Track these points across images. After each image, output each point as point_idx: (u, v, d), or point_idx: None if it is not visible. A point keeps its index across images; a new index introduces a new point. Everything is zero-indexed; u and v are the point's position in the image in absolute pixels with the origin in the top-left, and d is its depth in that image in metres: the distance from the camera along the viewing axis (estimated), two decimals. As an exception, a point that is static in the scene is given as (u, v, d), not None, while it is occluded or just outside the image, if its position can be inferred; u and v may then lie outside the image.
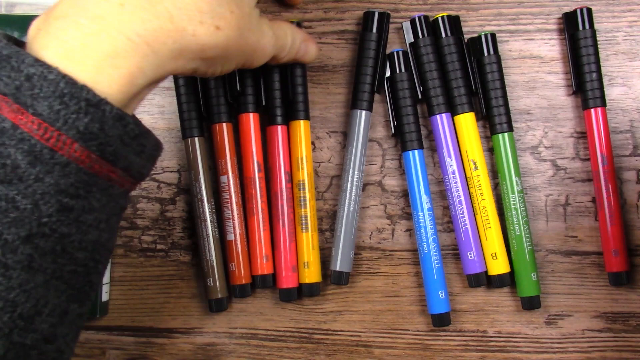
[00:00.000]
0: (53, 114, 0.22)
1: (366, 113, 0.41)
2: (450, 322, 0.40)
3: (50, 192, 0.23)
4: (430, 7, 0.42)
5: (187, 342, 0.42)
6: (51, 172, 0.23)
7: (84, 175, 0.24)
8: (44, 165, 0.23)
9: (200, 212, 0.40)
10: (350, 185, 0.40)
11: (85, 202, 0.24)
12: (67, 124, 0.23)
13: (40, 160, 0.22)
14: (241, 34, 0.29)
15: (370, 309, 0.42)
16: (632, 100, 0.41)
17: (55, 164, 0.23)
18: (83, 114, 0.23)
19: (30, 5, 0.43)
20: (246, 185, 0.41)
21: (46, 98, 0.22)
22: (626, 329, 0.41)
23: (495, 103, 0.40)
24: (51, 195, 0.23)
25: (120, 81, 0.24)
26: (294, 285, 0.41)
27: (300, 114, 0.41)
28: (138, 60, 0.25)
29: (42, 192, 0.23)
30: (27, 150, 0.22)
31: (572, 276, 0.41)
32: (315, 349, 0.42)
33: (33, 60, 0.23)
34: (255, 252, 0.41)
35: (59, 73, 0.23)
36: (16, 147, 0.22)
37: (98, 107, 0.23)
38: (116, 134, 0.24)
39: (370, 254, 0.42)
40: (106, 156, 0.24)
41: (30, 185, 0.22)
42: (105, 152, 0.24)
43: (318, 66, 0.43)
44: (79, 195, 0.24)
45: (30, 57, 0.23)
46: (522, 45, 0.42)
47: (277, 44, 0.34)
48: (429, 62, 0.40)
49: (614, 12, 0.42)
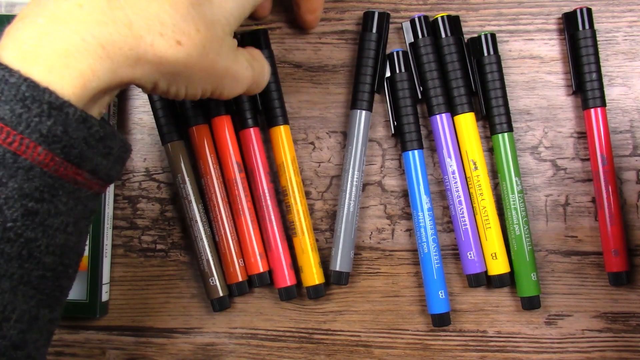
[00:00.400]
0: (15, 117, 0.22)
1: (366, 113, 0.41)
2: (450, 322, 0.40)
3: (14, 197, 0.22)
4: (430, 7, 0.42)
5: (187, 342, 0.42)
6: (14, 176, 0.22)
7: (49, 179, 0.23)
8: (7, 169, 0.22)
9: (191, 214, 0.40)
10: (350, 185, 0.40)
11: (51, 205, 0.24)
12: (30, 127, 0.22)
13: (3, 165, 0.22)
14: (206, 55, 0.27)
15: (370, 309, 0.42)
16: (632, 100, 0.41)
17: (18, 168, 0.22)
18: (46, 117, 0.22)
19: (30, 5, 0.43)
20: (229, 186, 0.41)
21: (7, 102, 0.22)
22: (626, 329, 0.41)
23: (495, 103, 0.40)
24: (15, 199, 0.22)
25: (73, 82, 0.23)
26: (292, 283, 0.41)
27: (279, 120, 0.41)
28: (91, 62, 0.24)
29: (5, 196, 0.22)
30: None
31: (572, 276, 0.41)
32: (315, 349, 0.42)
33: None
34: (247, 252, 0.41)
35: (21, 76, 0.22)
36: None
37: (61, 109, 0.23)
38: (80, 136, 0.24)
39: (370, 254, 0.42)
40: (71, 159, 0.24)
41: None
42: (70, 155, 0.24)
43: (318, 66, 0.43)
44: (44, 199, 0.23)
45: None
46: (522, 45, 0.42)
47: (253, 78, 0.32)
48: (429, 62, 0.40)
49: (614, 12, 0.42)
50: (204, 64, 0.28)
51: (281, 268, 0.41)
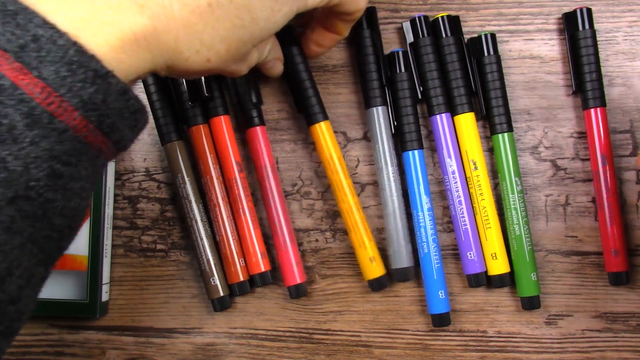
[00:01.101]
0: (59, 79, 0.22)
1: (382, 108, 0.41)
2: (450, 322, 0.40)
3: (44, 157, 0.22)
4: (430, 7, 0.42)
5: (187, 342, 0.42)
6: (47, 137, 0.22)
7: (78, 144, 0.23)
8: (42, 129, 0.22)
9: (191, 214, 0.40)
10: (388, 182, 0.40)
11: (75, 170, 0.24)
12: (72, 91, 0.22)
13: (39, 124, 0.22)
14: (226, 66, 0.29)
15: (370, 309, 0.42)
16: (632, 100, 0.41)
17: (53, 130, 0.22)
18: (89, 83, 0.23)
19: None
20: (229, 186, 0.41)
21: (53, 63, 0.22)
22: (626, 329, 0.41)
23: (495, 103, 0.40)
24: (44, 159, 0.22)
25: (118, 55, 0.24)
26: (301, 280, 0.41)
27: (319, 117, 0.40)
28: (135, 49, 0.25)
29: (35, 155, 0.22)
30: (26, 113, 0.22)
31: (572, 276, 0.41)
32: (315, 349, 0.42)
33: (42, 22, 0.22)
34: (249, 251, 0.41)
35: (69, 39, 0.22)
36: (15, 107, 0.22)
37: (105, 79, 0.23)
38: (117, 107, 0.24)
39: (370, 254, 0.42)
40: (103, 128, 0.24)
41: (24, 147, 0.22)
42: (103, 124, 0.24)
43: (318, 66, 0.43)
44: (70, 163, 0.23)
45: (39, 18, 0.22)
46: (522, 45, 0.42)
47: (254, 60, 0.33)
48: (429, 62, 0.40)
49: (614, 12, 0.42)
50: (220, 69, 0.29)
51: (290, 266, 0.41)
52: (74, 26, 0.23)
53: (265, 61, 0.37)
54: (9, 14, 0.22)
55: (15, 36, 0.22)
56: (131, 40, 0.25)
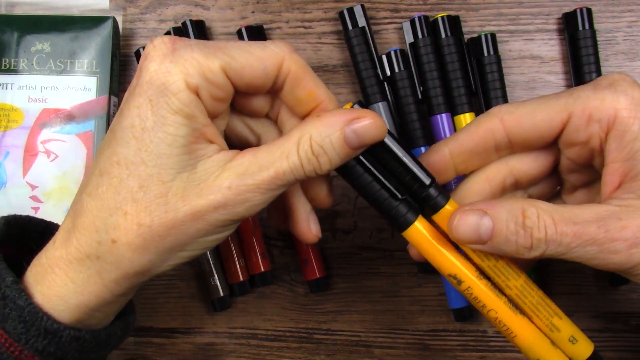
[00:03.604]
0: (17, 334, 0.27)
1: (383, 104, 0.40)
2: (471, 316, 0.40)
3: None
4: (430, 7, 0.42)
5: (187, 342, 0.42)
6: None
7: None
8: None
9: None
10: None
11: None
12: (28, 343, 0.27)
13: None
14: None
15: (370, 309, 0.42)
16: (632, 100, 0.41)
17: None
18: (42, 338, 0.27)
19: (30, 5, 0.43)
20: None
21: (13, 319, 0.27)
22: (626, 329, 0.41)
23: (495, 103, 0.40)
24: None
25: (70, 308, 0.28)
26: (321, 275, 0.41)
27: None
28: (91, 289, 0.28)
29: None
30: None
31: (572, 276, 0.41)
32: (315, 349, 0.42)
33: (11, 282, 0.27)
34: (249, 251, 0.41)
35: (27, 299, 0.27)
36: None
37: (55, 334, 0.27)
38: (73, 349, 0.28)
39: (370, 254, 0.42)
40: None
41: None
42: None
43: (318, 66, 0.43)
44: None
45: (10, 279, 0.27)
46: (522, 45, 0.42)
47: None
48: (429, 62, 0.40)
49: (614, 12, 0.42)
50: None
51: (311, 261, 0.41)
52: (36, 281, 0.28)
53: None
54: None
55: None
56: (92, 305, 0.28)
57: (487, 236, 0.27)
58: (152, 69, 0.26)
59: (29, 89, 0.41)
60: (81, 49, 0.41)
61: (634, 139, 0.27)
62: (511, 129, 0.29)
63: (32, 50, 0.41)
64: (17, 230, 0.31)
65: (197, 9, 0.43)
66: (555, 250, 0.26)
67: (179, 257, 0.27)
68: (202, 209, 0.26)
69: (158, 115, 0.26)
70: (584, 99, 0.28)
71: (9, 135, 0.41)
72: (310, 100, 0.29)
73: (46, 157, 0.40)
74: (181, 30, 0.42)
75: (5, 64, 0.41)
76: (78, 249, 0.27)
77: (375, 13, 0.43)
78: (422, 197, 0.29)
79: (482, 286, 0.29)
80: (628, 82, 0.28)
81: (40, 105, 0.41)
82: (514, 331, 0.29)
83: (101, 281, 0.27)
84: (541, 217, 0.26)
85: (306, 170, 0.26)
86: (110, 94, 0.41)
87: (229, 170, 0.26)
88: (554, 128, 0.29)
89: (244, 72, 0.27)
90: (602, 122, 0.27)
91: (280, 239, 0.42)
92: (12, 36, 0.41)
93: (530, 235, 0.26)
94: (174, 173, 0.26)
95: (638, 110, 0.27)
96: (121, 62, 0.43)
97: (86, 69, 0.41)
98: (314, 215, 0.32)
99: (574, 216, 0.27)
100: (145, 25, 0.43)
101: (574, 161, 0.30)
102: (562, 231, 0.26)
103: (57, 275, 0.27)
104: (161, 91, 0.26)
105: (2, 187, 0.40)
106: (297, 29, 0.43)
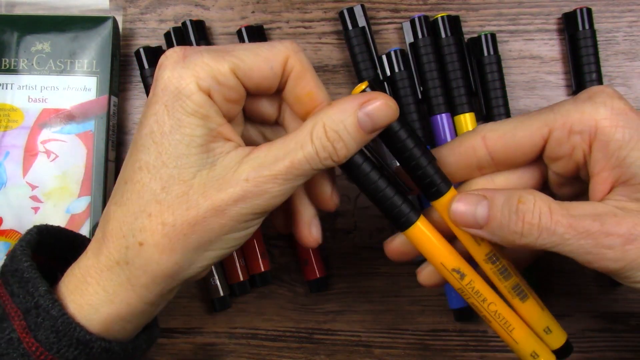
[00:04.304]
0: (49, 343, 0.27)
1: None
2: (471, 316, 0.40)
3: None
4: (430, 7, 0.42)
5: (187, 342, 0.42)
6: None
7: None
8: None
9: None
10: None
11: None
12: (59, 353, 0.27)
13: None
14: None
15: (370, 309, 0.42)
16: (632, 100, 0.41)
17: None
18: (73, 348, 0.27)
19: (30, 5, 0.43)
20: None
21: (46, 329, 0.27)
22: (626, 329, 0.41)
23: (495, 103, 0.40)
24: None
25: (101, 319, 0.28)
26: (321, 275, 0.41)
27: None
28: (122, 298, 0.28)
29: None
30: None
31: (572, 276, 0.41)
32: (315, 349, 0.42)
33: (44, 291, 0.27)
34: (249, 251, 0.41)
35: (60, 310, 0.27)
36: (17, 359, 0.27)
37: (87, 344, 0.27)
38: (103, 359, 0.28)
39: (370, 254, 0.42)
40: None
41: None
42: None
43: (318, 66, 0.43)
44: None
45: (43, 288, 0.27)
46: (522, 45, 0.42)
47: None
48: (429, 62, 0.40)
49: (614, 12, 0.42)
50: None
51: (311, 261, 0.41)
52: (70, 291, 0.28)
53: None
54: (25, 281, 0.28)
55: (25, 300, 0.27)
56: (123, 316, 0.28)
57: (484, 220, 0.27)
58: (166, 77, 0.27)
59: (29, 89, 0.41)
60: (81, 49, 0.41)
61: (619, 147, 0.27)
62: (493, 147, 0.30)
63: (32, 50, 0.41)
64: (48, 239, 0.31)
65: (197, 9, 0.43)
66: (549, 239, 0.26)
67: (206, 258, 0.28)
68: (223, 202, 0.26)
69: (174, 118, 0.26)
70: (564, 113, 0.28)
71: (9, 135, 0.41)
72: (308, 100, 0.29)
73: (46, 157, 0.40)
74: (181, 30, 0.42)
75: (5, 64, 0.41)
76: (108, 256, 0.28)
77: (375, 13, 0.43)
78: (426, 184, 0.29)
79: (483, 281, 0.30)
80: (607, 94, 0.28)
81: (40, 105, 0.41)
82: (512, 323, 0.30)
83: (131, 287, 0.27)
84: (537, 204, 0.27)
85: (322, 158, 0.26)
86: (110, 94, 0.41)
87: (246, 164, 0.27)
88: (535, 144, 0.29)
89: (253, 72, 0.27)
90: (583, 134, 0.28)
91: (280, 239, 0.42)
92: (12, 36, 0.41)
93: (522, 220, 0.26)
94: (193, 171, 0.26)
95: (619, 119, 0.27)
96: (121, 62, 0.43)
97: (86, 69, 0.41)
98: (317, 220, 0.32)
99: (570, 208, 0.27)
100: (145, 25, 0.43)
101: (560, 175, 0.30)
102: (557, 220, 0.26)
103: (89, 284, 0.28)
104: (175, 95, 0.26)
105: (2, 187, 0.40)
106: (297, 29, 0.43)
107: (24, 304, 0.27)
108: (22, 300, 0.28)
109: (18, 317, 0.27)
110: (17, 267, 0.28)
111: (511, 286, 0.30)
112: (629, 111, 0.27)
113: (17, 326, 0.27)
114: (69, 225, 0.40)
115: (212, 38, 0.43)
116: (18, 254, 0.29)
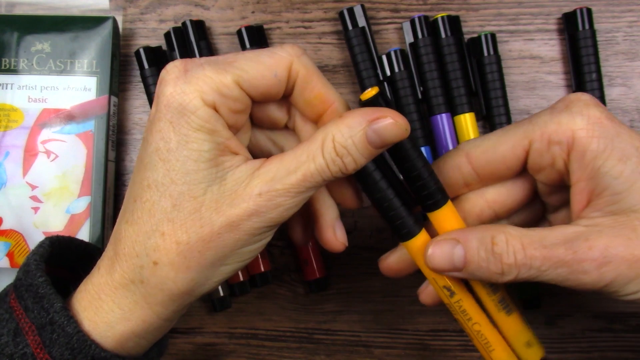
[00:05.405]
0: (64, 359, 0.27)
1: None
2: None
3: None
4: (430, 7, 0.42)
5: (187, 342, 0.42)
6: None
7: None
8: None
9: None
10: None
11: None
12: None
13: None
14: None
15: (370, 309, 0.42)
16: (632, 100, 0.41)
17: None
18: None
19: (30, 5, 0.43)
20: None
21: (60, 345, 0.27)
22: (626, 329, 0.41)
23: (495, 103, 0.40)
24: None
25: (116, 336, 0.28)
26: (321, 275, 0.41)
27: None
28: (138, 316, 0.28)
29: None
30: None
31: (572, 276, 0.41)
32: (315, 349, 0.42)
33: (59, 308, 0.27)
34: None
35: (76, 327, 0.27)
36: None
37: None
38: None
39: (370, 254, 0.42)
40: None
41: None
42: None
43: (318, 66, 0.42)
44: None
45: (59, 305, 0.27)
46: (522, 45, 0.42)
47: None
48: (429, 62, 0.40)
49: (614, 12, 0.42)
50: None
51: (311, 261, 0.41)
52: (85, 307, 0.28)
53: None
54: (39, 296, 0.28)
55: (40, 315, 0.27)
56: (137, 333, 0.28)
57: (461, 264, 0.28)
58: (168, 92, 0.26)
59: (29, 89, 0.41)
60: (81, 49, 0.41)
61: (594, 157, 0.27)
62: (477, 163, 0.30)
63: (32, 50, 0.41)
64: (60, 250, 0.31)
65: (197, 9, 0.43)
66: (527, 273, 0.27)
67: (221, 273, 0.27)
68: (237, 218, 0.26)
69: (180, 134, 0.26)
70: (542, 124, 0.28)
71: (9, 135, 0.41)
72: (319, 102, 0.29)
73: (46, 157, 0.40)
74: (181, 30, 0.42)
75: (5, 64, 0.41)
76: (122, 275, 0.27)
77: (375, 13, 0.43)
78: (424, 195, 0.29)
79: (471, 299, 0.30)
80: (583, 102, 0.28)
81: (40, 105, 0.41)
82: (493, 345, 0.30)
83: (147, 305, 0.27)
84: (510, 243, 0.27)
85: (332, 171, 0.26)
86: (110, 94, 0.41)
87: (257, 178, 0.26)
88: (517, 156, 0.29)
89: (257, 82, 0.27)
90: (562, 145, 0.28)
91: (281, 239, 0.42)
92: (12, 36, 0.41)
93: (500, 262, 0.27)
94: (204, 187, 0.26)
95: (595, 129, 0.27)
96: (121, 62, 0.43)
97: (86, 69, 0.41)
98: (340, 222, 0.31)
99: (542, 239, 0.27)
100: (145, 25, 0.43)
101: (547, 184, 0.30)
102: (531, 254, 0.27)
103: (104, 301, 0.28)
104: (180, 112, 0.26)
105: (2, 187, 0.40)
106: (297, 29, 0.43)
107: (38, 320, 0.27)
108: (36, 316, 0.27)
109: (32, 333, 0.27)
110: (32, 282, 0.28)
111: (498, 300, 0.30)
112: (604, 119, 0.28)
113: (32, 341, 0.27)
114: (69, 225, 0.40)
115: (212, 38, 0.43)
116: (32, 269, 0.28)
